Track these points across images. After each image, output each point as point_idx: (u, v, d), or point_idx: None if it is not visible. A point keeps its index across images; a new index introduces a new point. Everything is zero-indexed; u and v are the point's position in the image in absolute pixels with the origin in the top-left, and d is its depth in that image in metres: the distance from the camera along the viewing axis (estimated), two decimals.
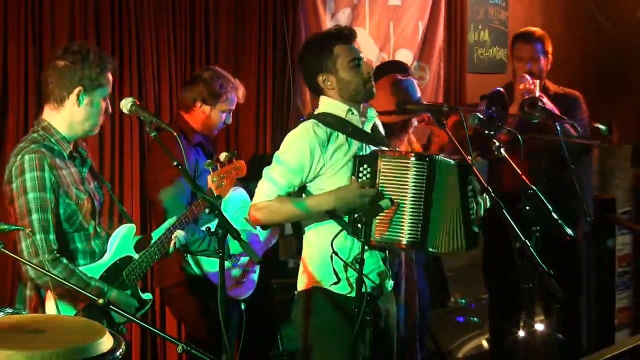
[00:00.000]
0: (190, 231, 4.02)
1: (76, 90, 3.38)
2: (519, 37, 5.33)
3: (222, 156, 3.84)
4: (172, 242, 3.60)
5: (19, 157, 3.31)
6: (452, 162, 3.56)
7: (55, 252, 3.27)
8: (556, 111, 4.93)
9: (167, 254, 3.62)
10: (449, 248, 3.52)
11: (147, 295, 3.60)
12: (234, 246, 4.09)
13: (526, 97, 4.91)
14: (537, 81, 5.01)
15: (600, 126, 4.93)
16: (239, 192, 4.36)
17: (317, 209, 3.45)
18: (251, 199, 3.60)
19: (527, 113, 4.85)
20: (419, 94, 4.53)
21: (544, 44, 5.24)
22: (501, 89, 4.87)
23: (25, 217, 3.26)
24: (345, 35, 3.57)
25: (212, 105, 4.43)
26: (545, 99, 4.95)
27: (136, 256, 3.55)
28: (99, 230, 3.51)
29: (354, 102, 3.56)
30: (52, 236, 3.28)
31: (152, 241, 3.62)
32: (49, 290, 3.31)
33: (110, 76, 3.47)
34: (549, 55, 5.26)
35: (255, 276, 4.53)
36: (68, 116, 3.41)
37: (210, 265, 4.31)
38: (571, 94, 5.32)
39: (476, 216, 3.56)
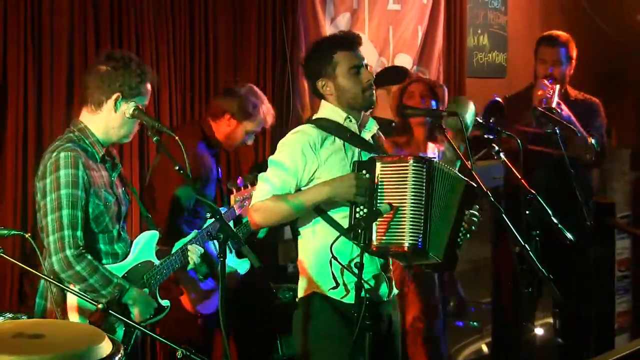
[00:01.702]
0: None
1: (114, 96, 3.43)
2: (543, 40, 5.30)
3: (246, 178, 4.03)
4: (190, 256, 3.69)
5: (55, 153, 3.36)
6: (462, 177, 3.53)
7: (81, 247, 3.32)
8: (573, 117, 4.93)
9: (186, 266, 3.72)
10: (440, 256, 3.49)
11: (165, 302, 3.62)
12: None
13: (543, 105, 4.90)
14: (557, 87, 4.99)
15: (592, 141, 4.95)
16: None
17: (312, 201, 3.44)
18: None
19: (539, 121, 4.86)
20: None
21: (569, 49, 5.21)
22: (499, 99, 4.87)
23: (55, 211, 3.31)
24: (349, 42, 3.55)
25: (239, 121, 4.46)
26: (562, 106, 4.93)
27: (157, 262, 3.60)
28: (122, 234, 3.56)
29: (352, 109, 3.55)
30: (79, 233, 3.33)
31: (174, 250, 3.69)
32: (71, 285, 3.34)
33: (149, 87, 3.51)
34: (573, 61, 5.23)
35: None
36: (104, 121, 3.46)
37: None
38: (591, 101, 5.31)
39: (462, 241, 3.54)
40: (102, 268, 3.37)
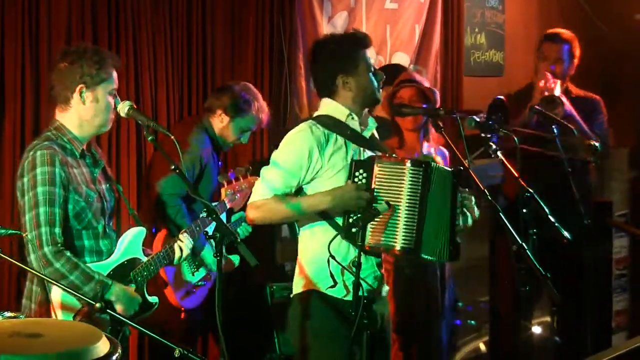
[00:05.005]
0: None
1: (78, 89, 3.44)
2: (547, 38, 5.30)
3: (237, 170, 4.00)
4: (178, 247, 3.65)
5: (32, 152, 3.38)
6: (448, 169, 3.57)
7: (59, 244, 3.31)
8: (574, 112, 4.94)
9: (173, 262, 3.67)
10: (434, 256, 3.52)
11: (153, 299, 3.61)
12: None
13: (545, 94, 4.90)
14: (559, 81, 5.00)
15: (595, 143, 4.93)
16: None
17: (313, 208, 3.45)
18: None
19: (540, 118, 4.85)
20: None
21: (572, 47, 5.21)
22: (503, 97, 4.87)
23: (32, 209, 3.31)
24: (368, 41, 3.62)
25: (231, 118, 4.46)
26: (564, 99, 4.94)
27: (144, 259, 3.59)
28: (108, 230, 3.55)
29: (361, 106, 3.58)
30: (57, 229, 3.31)
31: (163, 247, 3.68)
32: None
33: (112, 71, 3.51)
34: (575, 60, 5.22)
35: (206, 290, 4.45)
36: (76, 115, 3.47)
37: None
38: (592, 98, 5.30)
39: (461, 227, 3.56)
40: (83, 265, 3.35)
